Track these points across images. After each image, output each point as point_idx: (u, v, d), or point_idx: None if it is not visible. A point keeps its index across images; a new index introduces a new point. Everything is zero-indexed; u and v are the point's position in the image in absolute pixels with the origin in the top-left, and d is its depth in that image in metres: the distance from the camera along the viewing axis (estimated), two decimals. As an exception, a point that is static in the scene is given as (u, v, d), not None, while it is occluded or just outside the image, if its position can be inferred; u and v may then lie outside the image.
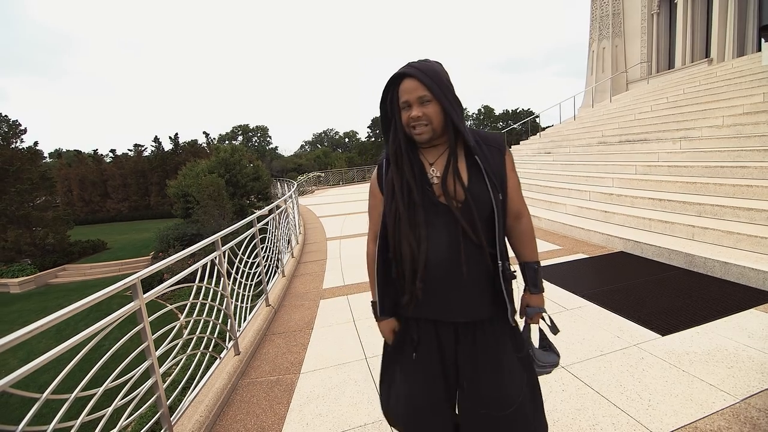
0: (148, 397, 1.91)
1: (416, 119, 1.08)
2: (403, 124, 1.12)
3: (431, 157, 1.15)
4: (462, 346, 1.15)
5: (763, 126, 6.12)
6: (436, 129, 1.10)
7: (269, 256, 4.43)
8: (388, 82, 1.12)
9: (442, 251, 1.08)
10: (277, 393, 2.47)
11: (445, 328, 1.16)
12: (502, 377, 1.15)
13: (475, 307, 1.14)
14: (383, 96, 1.16)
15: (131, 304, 1.84)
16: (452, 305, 1.12)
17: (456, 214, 1.07)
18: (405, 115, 1.11)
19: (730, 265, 3.56)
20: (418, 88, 1.06)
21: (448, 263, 1.09)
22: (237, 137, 60.07)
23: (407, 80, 1.07)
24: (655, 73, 18.12)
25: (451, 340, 1.16)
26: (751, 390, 2.04)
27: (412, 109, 1.09)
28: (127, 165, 40.99)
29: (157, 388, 1.92)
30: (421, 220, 1.08)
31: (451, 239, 1.08)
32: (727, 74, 10.26)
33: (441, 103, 1.08)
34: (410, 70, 1.07)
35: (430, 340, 1.17)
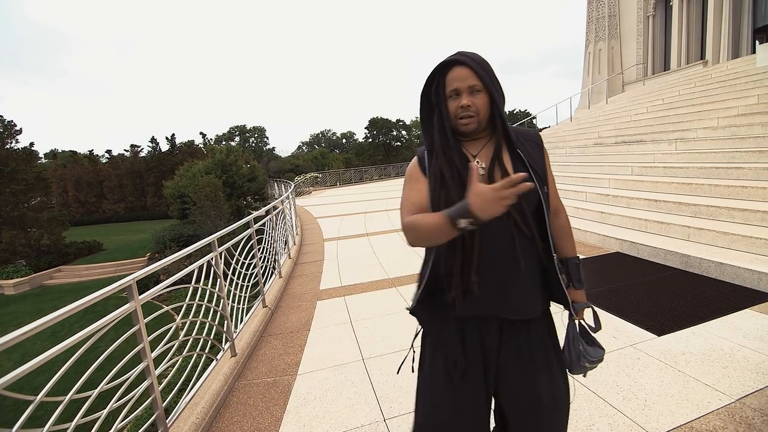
0: (144, 399, 1.90)
1: (465, 108, 1.05)
2: (450, 114, 1.08)
3: (473, 149, 1.12)
4: (506, 345, 1.10)
5: (758, 127, 6.17)
6: (482, 120, 1.07)
7: (266, 257, 4.42)
8: (435, 70, 1.09)
9: (495, 243, 1.04)
10: (273, 395, 2.46)
11: (489, 328, 1.10)
12: (550, 376, 1.13)
13: (529, 303, 1.10)
14: (427, 84, 1.12)
15: (127, 305, 1.83)
16: (508, 300, 1.07)
17: (517, 210, 1.03)
18: (453, 104, 1.07)
19: (726, 266, 3.58)
20: (469, 76, 1.04)
21: (502, 256, 1.05)
22: (234, 138, 59.91)
23: (458, 68, 1.04)
24: (650, 75, 18.22)
25: (495, 340, 1.10)
26: (746, 390, 2.05)
27: (461, 98, 1.05)
28: (124, 165, 40.81)
29: (152, 390, 1.91)
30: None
31: (503, 231, 1.04)
32: (722, 76, 10.34)
33: (490, 94, 1.05)
34: (462, 58, 1.04)
35: (474, 341, 1.11)
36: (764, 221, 4.03)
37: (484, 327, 1.10)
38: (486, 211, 0.85)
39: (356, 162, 46.11)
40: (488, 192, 0.83)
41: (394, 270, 4.96)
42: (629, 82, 19.01)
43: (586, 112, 16.22)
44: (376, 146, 50.77)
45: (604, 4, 19.65)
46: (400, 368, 1.53)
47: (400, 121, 51.90)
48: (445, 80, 1.07)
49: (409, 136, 53.56)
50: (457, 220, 0.89)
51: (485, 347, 1.11)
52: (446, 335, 1.13)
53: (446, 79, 1.06)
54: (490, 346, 1.10)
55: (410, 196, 1.15)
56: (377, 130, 50.48)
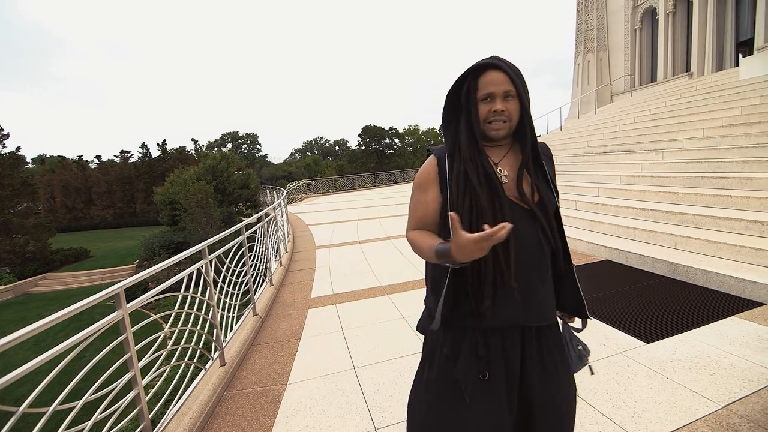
0: (130, 410, 1.86)
1: (499, 113, 1.03)
2: (480, 118, 1.06)
3: (495, 156, 1.10)
4: (528, 352, 1.06)
5: (741, 138, 6.33)
6: (512, 127, 1.06)
7: (257, 265, 4.39)
8: (468, 71, 1.06)
9: (525, 251, 1.02)
10: (263, 405, 2.43)
11: (511, 337, 1.05)
12: (566, 378, 1.13)
13: (550, 310, 1.11)
14: (457, 84, 1.09)
15: (114, 314, 1.80)
16: (533, 308, 1.05)
17: (537, 214, 1.03)
18: (485, 108, 1.04)
19: (712, 274, 3.65)
20: (505, 81, 1.02)
21: (530, 264, 1.03)
22: (226, 144, 59.67)
23: (494, 72, 1.02)
24: (638, 86, 18.63)
25: (517, 349, 1.05)
26: (733, 396, 2.08)
27: (495, 102, 1.03)
28: (113, 171, 40.39)
29: (139, 401, 1.87)
30: (506, 212, 1.00)
31: (531, 240, 1.03)
32: (706, 88, 10.61)
33: (522, 102, 1.04)
34: (498, 62, 1.03)
35: (497, 353, 1.04)
36: (749, 230, 4.12)
37: (508, 337, 1.05)
38: (466, 257, 0.88)
39: (349, 169, 46.16)
40: (468, 245, 0.85)
41: (386, 278, 4.95)
42: (617, 92, 19.40)
43: (575, 121, 16.49)
44: (369, 154, 50.95)
45: (592, 17, 20.11)
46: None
47: (392, 129, 52.22)
48: (477, 83, 1.05)
49: (402, 144, 53.86)
50: (442, 259, 0.95)
51: (507, 359, 1.05)
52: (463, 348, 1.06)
53: (479, 82, 1.04)
54: (512, 355, 1.05)
55: (417, 209, 1.14)
56: (370, 138, 50.70)
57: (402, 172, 31.68)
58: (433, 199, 1.11)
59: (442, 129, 1.16)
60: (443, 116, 1.15)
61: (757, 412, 1.94)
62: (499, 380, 1.04)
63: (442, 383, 1.08)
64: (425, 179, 1.14)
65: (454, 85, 1.10)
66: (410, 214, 1.17)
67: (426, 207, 1.12)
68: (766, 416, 1.90)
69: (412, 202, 1.16)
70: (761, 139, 5.97)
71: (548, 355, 1.09)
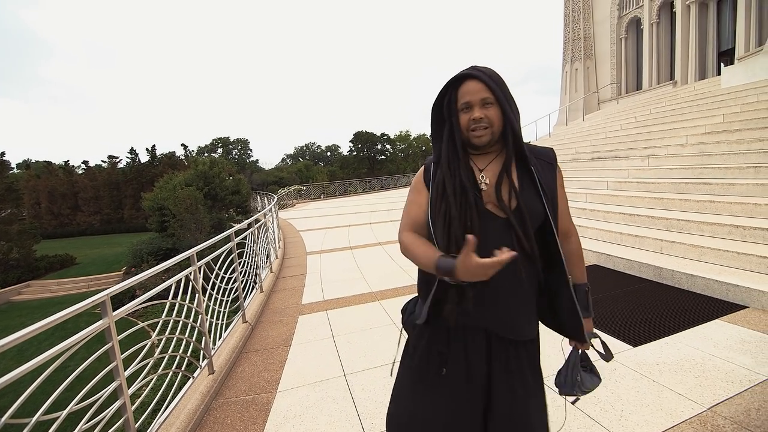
0: (116, 420, 1.83)
1: (478, 121, 1.05)
2: (462, 127, 1.08)
3: (481, 163, 1.11)
4: (496, 362, 1.08)
5: (724, 145, 6.50)
6: (495, 133, 1.07)
7: (247, 271, 4.35)
8: (448, 83, 1.09)
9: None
10: (252, 413, 2.40)
11: (476, 344, 1.08)
12: (539, 402, 1.13)
13: (521, 323, 1.10)
14: (439, 97, 1.12)
15: (99, 322, 1.77)
16: (504, 319, 1.07)
17: (512, 220, 1.02)
18: (465, 117, 1.07)
19: (696, 278, 3.72)
20: (481, 90, 1.04)
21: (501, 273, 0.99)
22: (217, 149, 59.21)
23: (470, 81, 1.05)
24: (624, 94, 19.03)
25: (482, 358, 1.08)
26: (717, 398, 2.12)
27: (473, 110, 1.05)
28: (101, 177, 39.78)
29: (125, 411, 1.84)
30: (476, 223, 1.02)
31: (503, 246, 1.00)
32: (690, 96, 10.88)
33: (503, 108, 1.06)
34: (474, 72, 1.05)
35: (458, 355, 1.09)
36: (731, 234, 4.22)
37: (471, 340, 1.09)
38: (470, 278, 0.92)
39: (341, 175, 46.17)
40: (477, 269, 0.88)
41: (377, 284, 4.95)
42: (604, 100, 19.78)
43: (564, 128, 16.74)
44: (361, 159, 51.05)
45: (579, 27, 20.54)
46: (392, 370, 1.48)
47: (384, 135, 52.41)
48: (457, 94, 1.08)
49: (394, 150, 54.05)
50: (441, 272, 0.97)
51: (469, 360, 1.08)
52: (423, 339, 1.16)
53: (458, 92, 1.07)
54: (475, 363, 1.08)
55: (410, 210, 1.18)
56: (362, 144, 50.83)
57: (394, 178, 31.79)
58: (425, 200, 1.15)
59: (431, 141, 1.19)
60: (431, 129, 1.18)
61: (740, 413, 1.98)
62: (458, 379, 1.09)
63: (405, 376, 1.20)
64: (416, 184, 1.21)
65: (436, 98, 1.13)
66: (404, 214, 1.21)
67: (419, 207, 1.16)
68: (749, 417, 1.94)
69: (407, 202, 1.21)
70: (742, 146, 6.14)
71: (519, 373, 1.09)
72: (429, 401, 1.12)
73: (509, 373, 1.08)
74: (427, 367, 1.13)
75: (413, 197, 1.19)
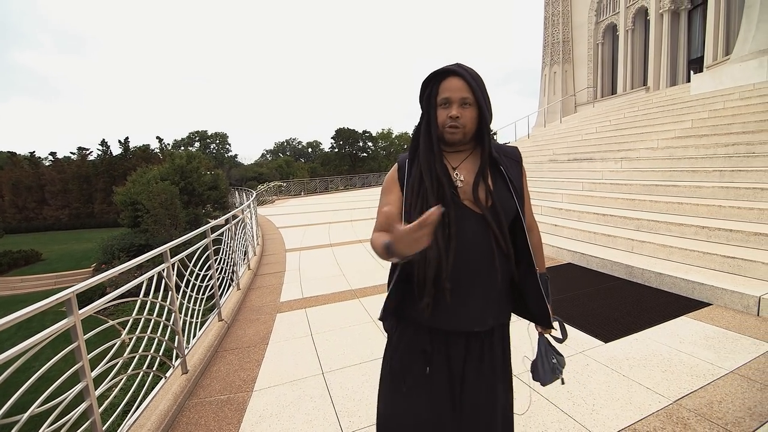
0: (82, 422, 1.75)
1: (454, 119, 1.06)
2: (438, 122, 1.08)
3: (454, 161, 1.13)
4: (472, 355, 1.11)
5: (692, 149, 6.78)
6: (467, 134, 1.09)
7: (224, 268, 4.25)
8: (430, 77, 1.09)
9: (471, 254, 1.05)
10: (227, 413, 2.35)
11: (456, 339, 1.10)
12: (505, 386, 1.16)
13: (499, 316, 1.12)
14: (422, 90, 1.12)
15: (65, 320, 1.70)
16: (479, 312, 1.08)
17: (488, 218, 1.05)
18: (443, 113, 1.07)
19: (664, 276, 3.87)
20: (462, 88, 1.05)
21: (478, 268, 1.06)
22: (194, 143, 57.63)
23: (453, 78, 1.05)
24: (600, 98, 19.58)
25: (461, 352, 1.10)
26: (683, 392, 2.21)
27: (451, 108, 1.06)
28: (69, 169, 38.13)
29: (91, 413, 1.77)
30: (452, 217, 1.03)
31: (480, 243, 1.05)
32: (661, 101, 11.29)
33: (480, 110, 1.07)
34: (459, 70, 1.05)
35: (440, 352, 1.11)
36: (697, 235, 4.41)
37: (452, 338, 1.10)
38: (407, 249, 0.86)
39: (322, 172, 45.82)
40: (404, 235, 0.83)
41: (357, 281, 4.93)
42: (581, 103, 20.30)
43: (542, 130, 17.11)
44: (343, 156, 50.72)
45: (558, 31, 20.99)
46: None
47: (366, 132, 52.24)
48: (438, 88, 1.07)
49: (376, 148, 53.97)
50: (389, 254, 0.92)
51: (450, 356, 1.10)
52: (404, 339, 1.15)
53: (440, 87, 1.07)
54: (455, 357, 1.10)
55: (379, 211, 1.14)
56: (344, 141, 50.49)
57: (375, 176, 31.72)
58: (394, 201, 1.14)
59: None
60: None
61: (703, 406, 2.07)
62: (441, 377, 1.10)
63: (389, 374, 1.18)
64: (389, 183, 1.19)
65: (420, 90, 1.13)
66: (378, 214, 1.16)
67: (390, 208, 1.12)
68: (711, 409, 2.03)
69: (379, 204, 1.19)
70: (709, 150, 6.41)
71: (489, 360, 1.12)
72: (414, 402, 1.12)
73: (482, 362, 1.12)
74: (410, 367, 1.12)
75: (384, 199, 1.18)
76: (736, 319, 3.10)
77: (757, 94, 7.71)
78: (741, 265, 3.61)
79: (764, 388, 2.18)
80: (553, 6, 21.14)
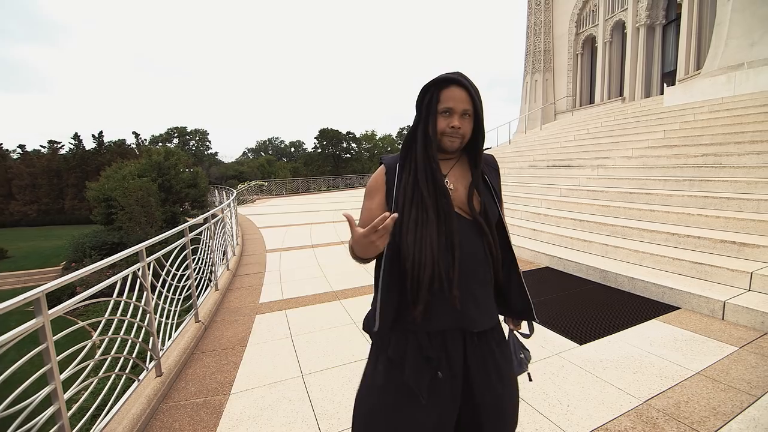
0: (49, 427, 1.68)
1: (455, 129, 1.07)
2: (438, 129, 1.08)
3: (444, 167, 1.14)
4: (471, 356, 1.10)
5: (663, 159, 7.05)
6: (464, 143, 1.11)
7: (202, 269, 4.16)
8: (431, 83, 1.08)
9: (468, 260, 1.07)
10: (203, 416, 2.30)
11: (453, 339, 1.08)
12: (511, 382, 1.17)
13: (491, 315, 1.15)
14: (421, 95, 1.11)
15: (32, 321, 1.63)
16: (475, 314, 1.09)
17: (483, 226, 1.09)
18: (443, 121, 1.08)
19: (636, 280, 4.00)
20: (465, 100, 1.06)
21: (474, 272, 1.08)
22: (173, 140, 56.18)
23: (457, 88, 1.06)
24: (578, 107, 20.14)
25: (459, 351, 1.08)
26: (652, 392, 2.29)
27: (453, 118, 1.07)
28: (39, 163, 36.58)
29: (60, 417, 1.70)
30: (455, 227, 1.05)
31: (473, 248, 1.08)
32: (636, 112, 11.70)
33: (477, 122, 1.10)
34: (463, 80, 1.05)
35: (440, 354, 1.08)
36: (667, 241, 4.58)
37: (450, 339, 1.08)
38: (363, 251, 0.93)
39: (304, 172, 45.45)
40: (360, 238, 0.90)
41: (338, 283, 4.91)
42: (560, 111, 20.83)
43: (523, 136, 17.47)
44: (326, 157, 50.48)
45: (540, 40, 21.51)
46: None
47: (350, 134, 52.16)
48: (440, 96, 1.07)
49: (359, 149, 53.92)
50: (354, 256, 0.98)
51: (450, 359, 1.08)
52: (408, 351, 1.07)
53: (442, 95, 1.07)
54: (456, 358, 1.08)
55: (362, 215, 1.15)
56: (327, 141, 50.28)
57: (358, 177, 31.69)
58: (377, 206, 1.13)
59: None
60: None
61: (671, 405, 2.15)
62: (444, 380, 1.07)
63: (387, 386, 1.09)
64: (373, 186, 1.17)
65: (419, 95, 1.12)
66: (359, 219, 1.16)
67: (370, 213, 1.13)
68: (679, 409, 2.11)
69: (361, 209, 1.18)
70: (680, 160, 6.69)
71: (491, 359, 1.12)
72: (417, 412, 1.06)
73: (486, 361, 1.11)
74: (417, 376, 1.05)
75: (366, 203, 1.16)
76: (702, 322, 3.24)
77: (725, 108, 8.09)
78: (708, 271, 3.77)
79: (728, 388, 2.28)
80: (535, 16, 21.65)
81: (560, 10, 20.82)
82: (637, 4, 16.24)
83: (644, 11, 15.96)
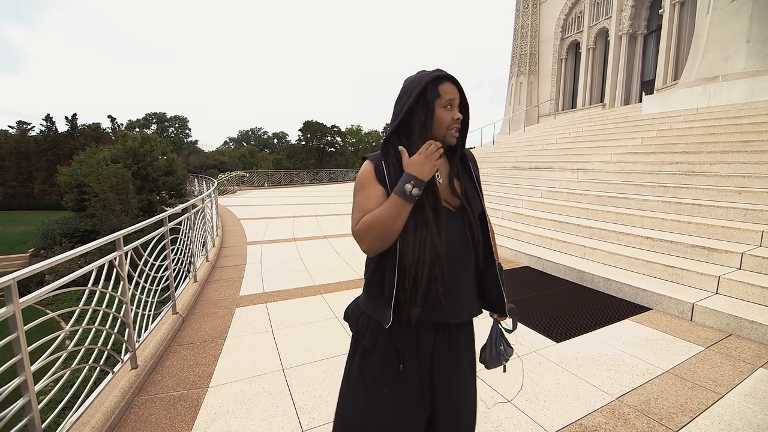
0: (18, 419, 1.62)
1: (458, 121, 1.11)
2: (444, 124, 1.09)
3: None
4: (438, 348, 1.12)
5: (641, 165, 7.29)
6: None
7: (180, 259, 4.07)
8: (429, 79, 1.07)
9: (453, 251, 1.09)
10: (180, 410, 2.25)
11: (426, 332, 1.11)
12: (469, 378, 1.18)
13: (471, 308, 1.17)
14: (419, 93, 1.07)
15: (3, 309, 1.56)
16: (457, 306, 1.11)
17: (470, 218, 1.12)
18: (447, 115, 1.09)
19: (611, 281, 4.14)
20: (458, 94, 1.11)
21: (459, 263, 1.10)
22: (151, 126, 54.45)
23: (450, 84, 1.09)
24: (561, 110, 20.57)
25: (430, 344, 1.11)
26: (624, 389, 2.38)
27: (455, 111, 1.10)
28: (6, 144, 34.90)
29: (30, 409, 1.63)
30: (444, 224, 1.07)
31: (458, 239, 1.10)
32: (616, 118, 12.03)
33: (466, 117, 1.15)
34: (455, 78, 1.10)
35: (411, 347, 1.11)
36: (642, 245, 4.75)
37: (423, 333, 1.11)
38: (423, 171, 1.02)
39: (287, 164, 44.84)
40: (417, 158, 1.03)
41: (320, 277, 4.88)
42: (544, 114, 21.23)
43: (507, 137, 17.72)
44: (310, 150, 49.94)
45: (526, 43, 21.82)
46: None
47: (335, 127, 51.74)
48: (438, 90, 1.08)
49: (344, 143, 53.57)
50: (405, 190, 1.01)
51: (420, 353, 1.11)
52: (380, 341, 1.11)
53: (440, 88, 1.08)
54: (425, 352, 1.11)
55: (365, 204, 1.07)
56: (311, 134, 49.72)
57: (342, 172, 31.52)
58: (380, 193, 1.08)
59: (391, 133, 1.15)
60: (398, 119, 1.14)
61: (642, 402, 2.24)
62: (412, 373, 1.11)
63: (361, 373, 1.15)
64: (366, 179, 1.11)
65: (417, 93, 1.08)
66: (357, 211, 1.09)
67: (377, 200, 1.07)
68: (649, 406, 2.20)
69: (357, 201, 1.10)
70: (655, 166, 6.93)
71: (455, 353, 1.15)
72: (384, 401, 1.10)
73: (449, 355, 1.14)
74: (384, 366, 1.10)
75: (366, 193, 1.09)
76: (672, 323, 3.37)
77: (699, 118, 8.41)
78: (679, 274, 3.93)
79: (695, 386, 2.39)
80: (523, 19, 21.94)
81: (547, 14, 21.18)
82: (621, 13, 16.67)
83: (627, 20, 16.40)
